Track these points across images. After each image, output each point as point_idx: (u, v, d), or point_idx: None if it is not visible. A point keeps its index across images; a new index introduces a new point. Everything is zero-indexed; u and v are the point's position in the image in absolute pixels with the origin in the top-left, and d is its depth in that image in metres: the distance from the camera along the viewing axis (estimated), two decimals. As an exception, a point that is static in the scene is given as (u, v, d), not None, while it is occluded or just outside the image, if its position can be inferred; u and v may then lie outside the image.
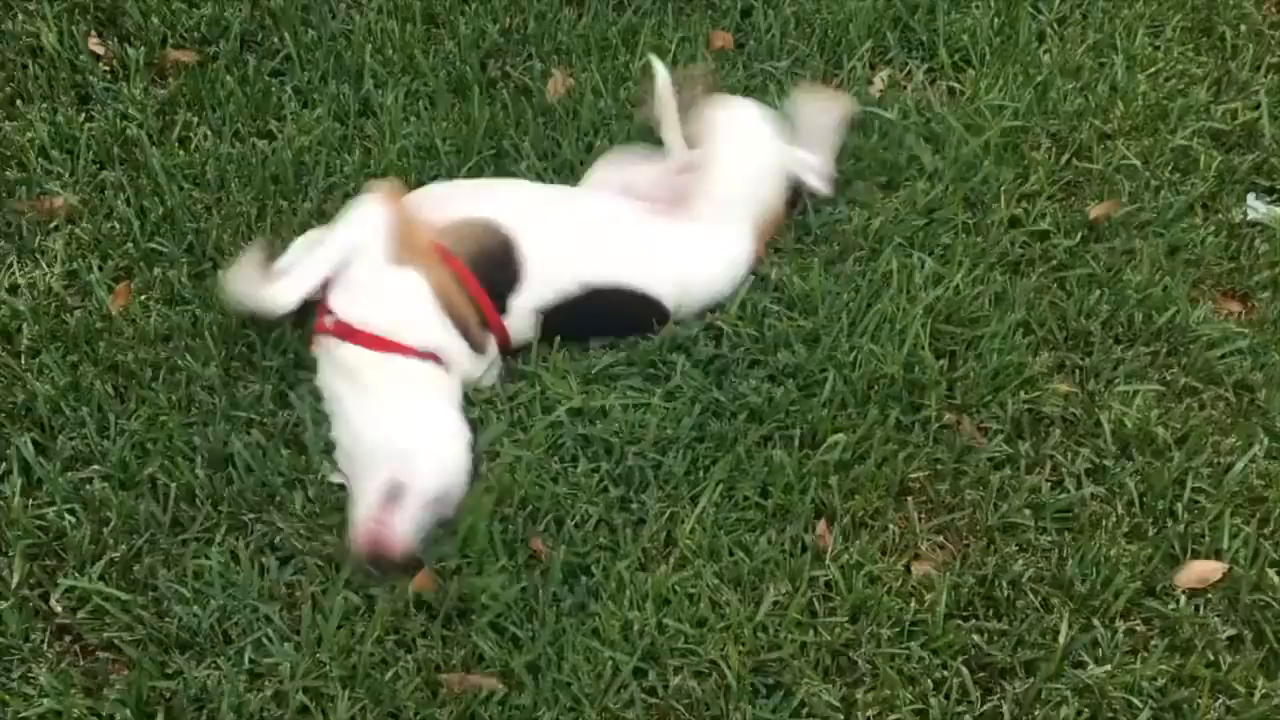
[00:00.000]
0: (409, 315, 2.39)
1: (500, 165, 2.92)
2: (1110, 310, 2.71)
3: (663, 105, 2.82)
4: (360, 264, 2.42)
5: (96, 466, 2.31)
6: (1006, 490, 2.41)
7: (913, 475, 2.43)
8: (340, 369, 2.38)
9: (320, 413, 2.40)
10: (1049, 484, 2.45)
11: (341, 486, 2.31)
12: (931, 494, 2.42)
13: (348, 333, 2.37)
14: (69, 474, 2.30)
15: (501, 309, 2.49)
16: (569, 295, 2.52)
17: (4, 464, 2.29)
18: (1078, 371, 2.64)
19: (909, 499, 2.42)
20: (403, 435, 2.27)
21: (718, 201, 2.66)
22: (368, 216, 2.46)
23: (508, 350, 2.55)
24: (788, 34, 3.31)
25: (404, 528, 2.17)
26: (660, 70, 2.80)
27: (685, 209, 2.66)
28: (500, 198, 2.62)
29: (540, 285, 2.50)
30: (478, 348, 2.47)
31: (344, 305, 2.39)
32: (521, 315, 2.51)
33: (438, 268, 2.43)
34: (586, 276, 2.53)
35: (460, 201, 2.59)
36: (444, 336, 2.42)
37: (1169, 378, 2.64)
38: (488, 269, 2.46)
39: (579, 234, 2.58)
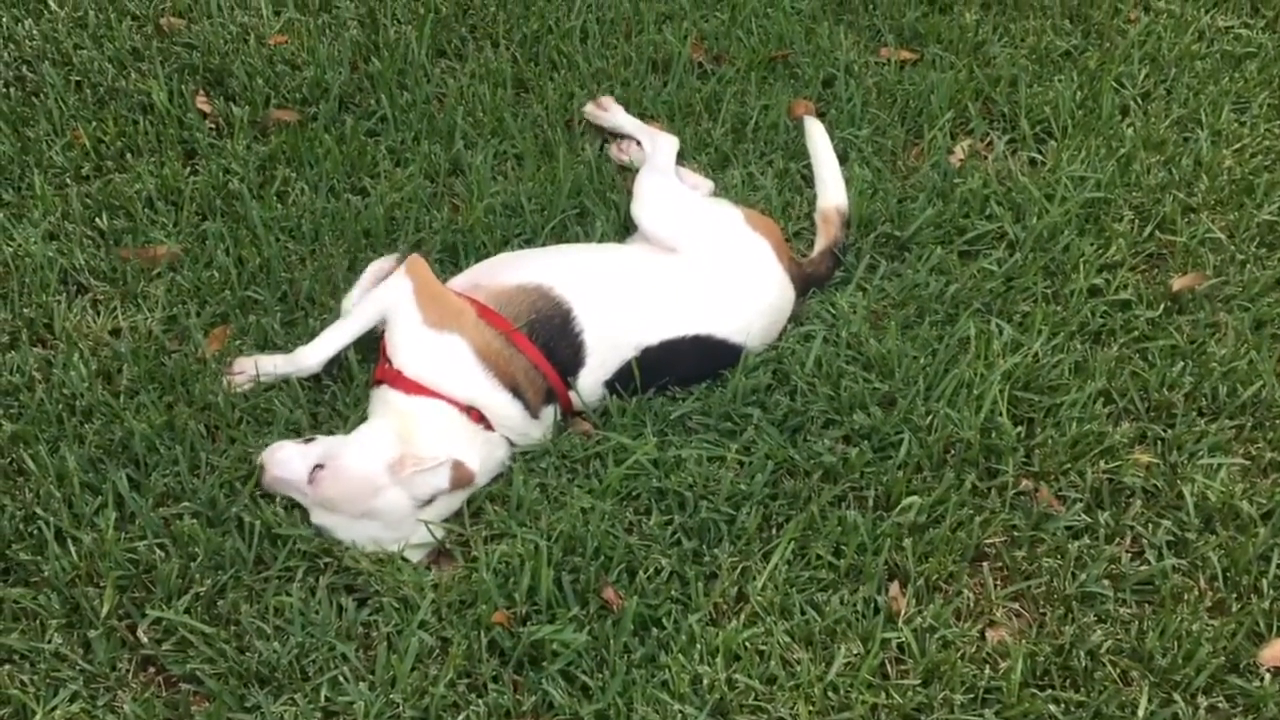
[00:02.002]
0: (450, 371, 2.47)
1: (582, 223, 2.99)
2: (1194, 382, 2.68)
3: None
4: (398, 329, 2.53)
5: (187, 503, 2.38)
6: (1085, 559, 2.38)
7: (988, 541, 2.41)
8: (380, 402, 2.48)
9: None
10: (1129, 555, 2.41)
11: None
12: (1007, 560, 2.39)
13: (395, 378, 2.48)
14: (160, 509, 2.37)
15: (569, 381, 2.55)
16: (631, 358, 2.58)
17: (100, 498, 2.37)
18: (1159, 443, 2.60)
19: (984, 564, 2.40)
20: (369, 445, 2.37)
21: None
22: (391, 290, 2.59)
23: (571, 413, 2.60)
24: (869, 103, 3.37)
25: (282, 470, 2.35)
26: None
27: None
28: (551, 263, 2.68)
29: (603, 356, 2.57)
30: (532, 410, 2.52)
31: (393, 358, 2.51)
32: (588, 385, 2.57)
33: (482, 329, 2.50)
34: (646, 339, 2.59)
35: (513, 268, 2.66)
36: (490, 394, 2.47)
37: (1254, 452, 2.59)
38: (547, 335, 2.53)
39: (631, 298, 2.63)
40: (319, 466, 2.33)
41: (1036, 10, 3.74)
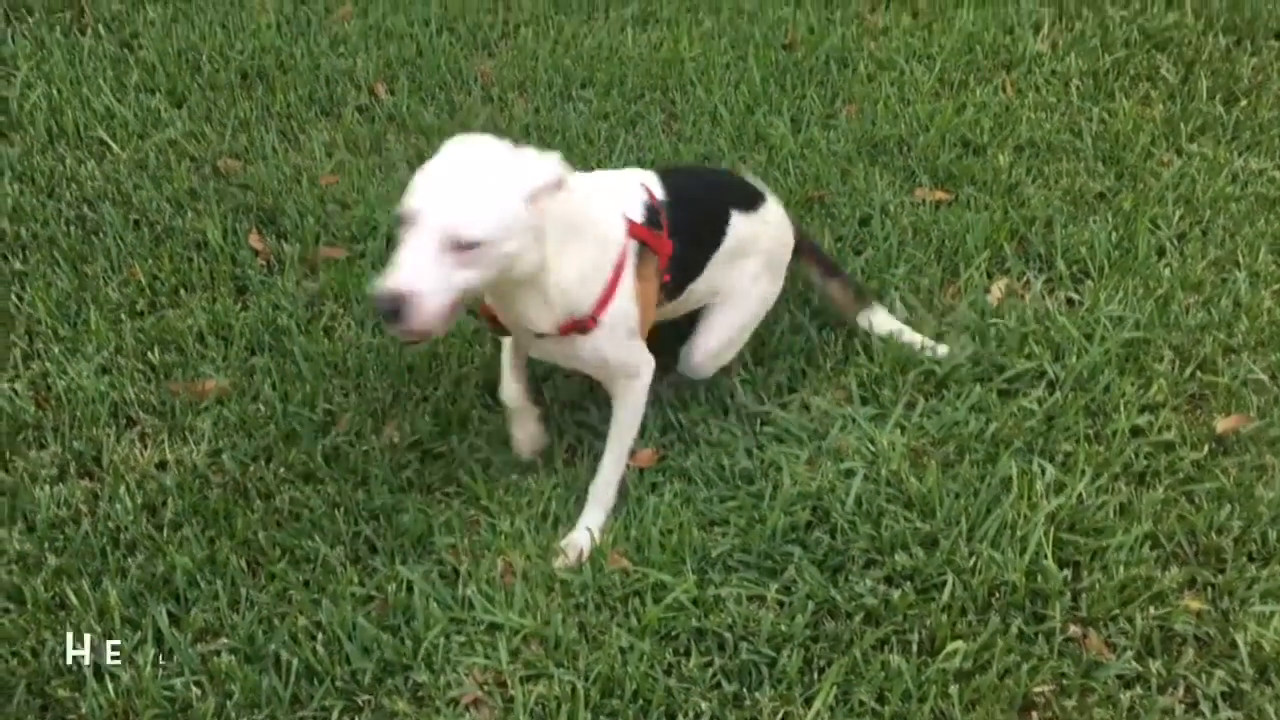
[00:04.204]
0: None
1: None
2: (1242, 526, 2.63)
3: None
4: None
5: (225, 640, 2.37)
6: (1138, 711, 2.31)
7: (1037, 689, 2.35)
8: None
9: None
10: (1183, 706, 2.33)
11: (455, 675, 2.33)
12: (1057, 710, 2.32)
13: None
14: (199, 645, 2.37)
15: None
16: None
17: (139, 633, 2.37)
18: (1210, 589, 2.54)
19: (1033, 714, 2.33)
20: None
21: None
22: None
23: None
24: (905, 242, 3.41)
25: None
26: None
27: None
28: None
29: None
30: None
31: None
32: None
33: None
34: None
35: None
36: None
37: (1308, 599, 2.53)
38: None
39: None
40: None
41: (1069, 153, 3.81)
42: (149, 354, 2.99)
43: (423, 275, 2.10)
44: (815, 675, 2.35)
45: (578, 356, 2.53)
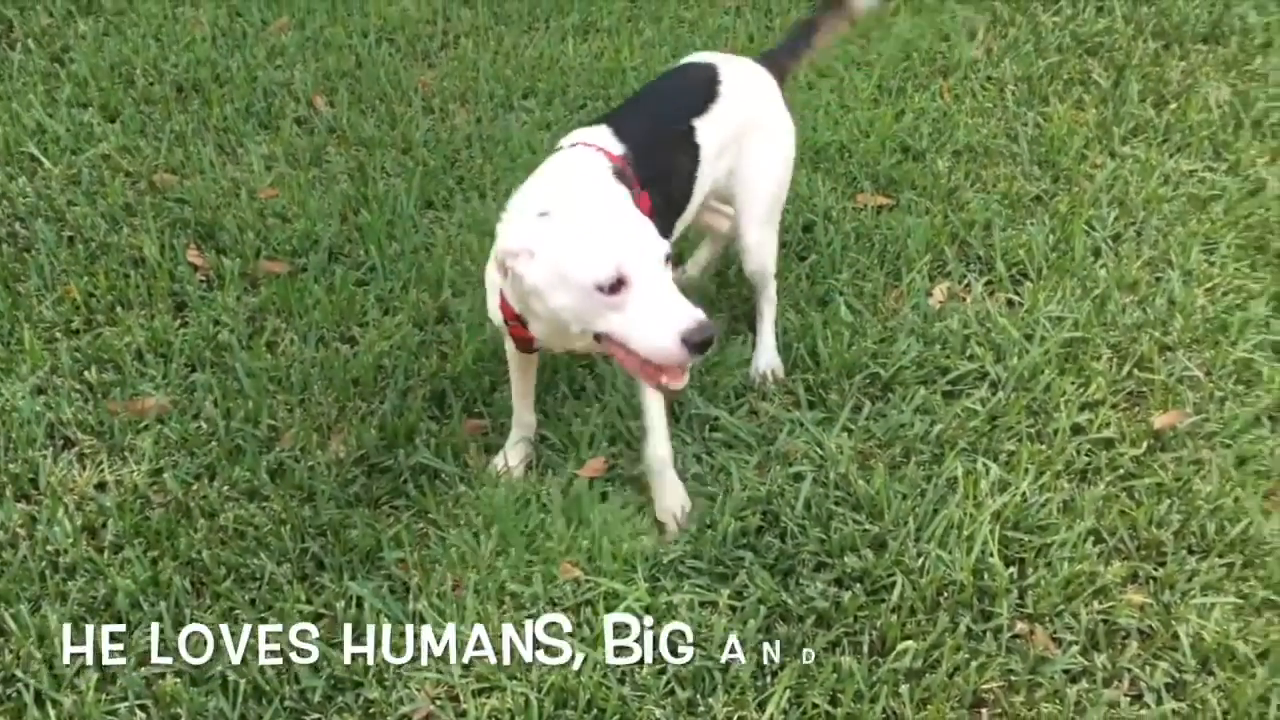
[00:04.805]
0: None
1: (570, 369, 3.01)
2: (1181, 520, 2.68)
3: None
4: None
5: (170, 662, 2.33)
6: (1084, 704, 2.34)
7: (985, 686, 2.37)
8: None
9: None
10: (1128, 699, 2.37)
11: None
12: (1006, 705, 2.35)
13: None
14: (143, 669, 2.32)
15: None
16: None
17: (81, 658, 2.32)
18: (1151, 582, 2.59)
19: (983, 711, 2.35)
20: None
21: None
22: None
23: None
24: (848, 247, 3.45)
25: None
26: None
27: None
28: None
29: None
30: None
31: None
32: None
33: None
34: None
35: None
36: None
37: (1246, 590, 2.57)
38: None
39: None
40: None
41: (1006, 157, 3.87)
42: (86, 373, 2.93)
43: None
44: (768, 679, 2.36)
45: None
